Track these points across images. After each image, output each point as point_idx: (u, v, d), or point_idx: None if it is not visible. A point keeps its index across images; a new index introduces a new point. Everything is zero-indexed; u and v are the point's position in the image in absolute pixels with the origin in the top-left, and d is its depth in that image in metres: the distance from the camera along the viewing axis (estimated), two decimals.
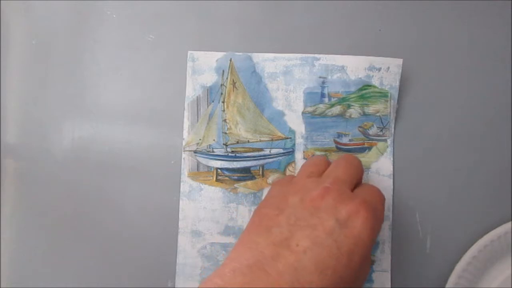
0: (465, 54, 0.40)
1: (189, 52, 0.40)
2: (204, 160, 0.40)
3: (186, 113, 0.40)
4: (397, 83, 0.39)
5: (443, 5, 0.40)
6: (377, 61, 0.39)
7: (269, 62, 0.40)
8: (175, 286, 0.39)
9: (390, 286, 0.39)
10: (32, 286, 0.41)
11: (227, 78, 0.40)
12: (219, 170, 0.40)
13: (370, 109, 0.39)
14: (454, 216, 0.39)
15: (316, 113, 0.40)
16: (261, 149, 0.40)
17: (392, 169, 0.39)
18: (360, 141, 0.40)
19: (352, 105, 0.39)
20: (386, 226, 0.39)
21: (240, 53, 0.40)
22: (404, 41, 0.40)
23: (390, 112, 0.39)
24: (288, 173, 0.40)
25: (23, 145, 0.41)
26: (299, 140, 0.40)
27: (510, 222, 0.37)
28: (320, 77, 0.40)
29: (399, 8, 0.40)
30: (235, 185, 0.40)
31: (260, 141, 0.40)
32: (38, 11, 0.42)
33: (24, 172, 0.41)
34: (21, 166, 0.41)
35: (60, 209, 0.41)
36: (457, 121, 0.40)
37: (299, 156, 0.40)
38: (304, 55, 0.40)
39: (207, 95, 0.40)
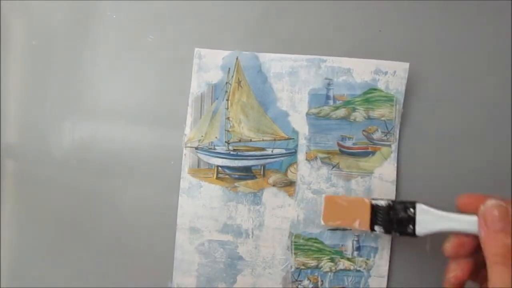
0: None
1: (196, 49, 0.40)
2: (205, 157, 0.40)
3: (189, 109, 0.40)
4: (403, 88, 0.39)
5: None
6: (384, 64, 0.39)
7: (275, 62, 0.40)
8: (172, 281, 0.39)
9: None
10: (32, 286, 0.41)
11: (232, 76, 0.40)
12: (219, 168, 0.40)
13: (375, 113, 0.39)
14: None
15: (320, 115, 0.39)
16: (263, 149, 0.39)
17: (395, 175, 0.39)
18: (364, 145, 0.39)
19: (357, 108, 0.39)
20: None
21: (247, 52, 0.40)
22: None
23: (395, 117, 0.39)
24: (289, 174, 0.39)
25: (23, 145, 0.42)
26: (302, 141, 0.39)
27: None
28: (325, 79, 0.39)
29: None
30: (236, 184, 0.39)
31: (263, 140, 0.40)
32: (38, 11, 0.42)
33: (24, 172, 0.42)
34: (21, 166, 0.42)
35: (59, 209, 0.41)
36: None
37: (301, 157, 0.39)
38: (310, 56, 0.39)
39: (212, 92, 0.40)
